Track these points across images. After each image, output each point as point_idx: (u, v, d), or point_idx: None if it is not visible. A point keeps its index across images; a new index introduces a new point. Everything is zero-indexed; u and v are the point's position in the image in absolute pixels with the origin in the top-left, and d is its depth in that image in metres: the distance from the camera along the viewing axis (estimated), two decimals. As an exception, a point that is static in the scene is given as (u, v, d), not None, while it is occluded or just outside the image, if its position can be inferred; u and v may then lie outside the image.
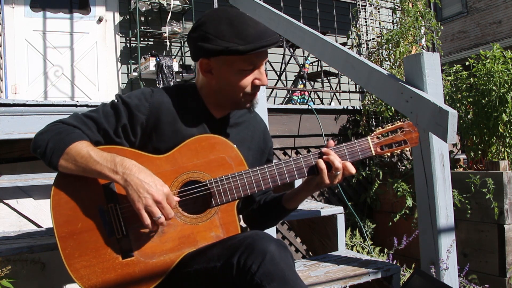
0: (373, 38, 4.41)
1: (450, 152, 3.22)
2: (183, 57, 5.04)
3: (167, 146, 1.21)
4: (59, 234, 1.12)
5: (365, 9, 4.52)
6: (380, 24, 4.61)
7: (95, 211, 1.14)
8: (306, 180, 1.29)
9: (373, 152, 1.27)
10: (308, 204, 2.24)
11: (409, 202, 2.89)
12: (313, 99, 4.99)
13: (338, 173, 1.21)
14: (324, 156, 1.22)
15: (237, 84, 1.21)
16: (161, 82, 4.37)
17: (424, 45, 3.96)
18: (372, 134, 1.28)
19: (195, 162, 1.19)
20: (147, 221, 1.08)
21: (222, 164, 1.21)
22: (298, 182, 2.19)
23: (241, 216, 1.45)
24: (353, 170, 1.23)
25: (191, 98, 1.29)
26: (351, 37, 4.33)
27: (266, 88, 3.03)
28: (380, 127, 1.30)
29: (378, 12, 4.77)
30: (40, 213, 1.99)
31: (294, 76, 5.18)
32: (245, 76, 1.20)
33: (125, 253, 1.13)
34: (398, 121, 1.31)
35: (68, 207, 1.13)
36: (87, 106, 2.30)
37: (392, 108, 3.33)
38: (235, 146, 1.23)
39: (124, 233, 1.13)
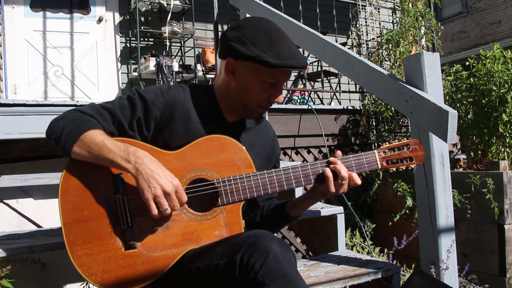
0: (373, 38, 4.41)
1: (450, 152, 3.22)
2: (183, 57, 5.04)
3: (178, 143, 1.22)
4: (65, 220, 1.13)
5: (365, 9, 4.52)
6: (380, 24, 4.61)
7: (102, 200, 1.15)
8: (312, 188, 1.30)
9: (379, 165, 1.29)
10: (308, 204, 2.23)
11: (409, 202, 2.89)
12: (313, 99, 4.99)
13: (344, 182, 1.23)
14: (331, 165, 1.23)
15: (254, 93, 1.23)
16: (161, 82, 4.38)
17: (424, 45, 3.96)
18: (379, 148, 1.31)
19: (204, 161, 1.21)
20: (155, 211, 1.09)
21: (231, 165, 1.22)
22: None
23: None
24: (358, 181, 1.24)
25: (206, 99, 1.31)
26: (351, 37, 4.33)
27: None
28: (387, 142, 1.33)
29: (378, 12, 4.77)
30: (40, 213, 1.98)
31: (294, 76, 5.18)
32: (264, 89, 1.22)
33: (128, 245, 1.14)
34: (404, 138, 1.35)
35: (76, 194, 1.14)
36: (87, 106, 2.30)
37: (392, 108, 3.33)
38: (244, 148, 1.24)
39: (129, 224, 1.14)
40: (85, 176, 1.16)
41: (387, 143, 1.35)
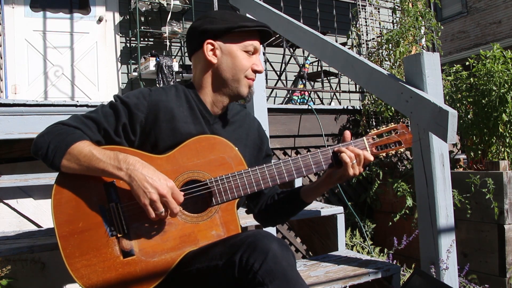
0: (373, 38, 4.41)
1: (450, 152, 3.22)
2: (183, 57, 5.04)
3: (166, 145, 1.22)
4: (60, 233, 1.12)
5: (365, 9, 4.52)
6: (380, 24, 4.61)
7: (96, 210, 1.14)
8: (327, 174, 1.31)
9: (369, 152, 1.29)
10: (308, 204, 2.24)
11: (409, 202, 2.89)
12: (313, 99, 4.99)
13: (359, 162, 1.24)
14: (343, 152, 1.24)
15: (240, 63, 1.28)
16: (161, 82, 4.37)
17: (424, 45, 3.96)
18: (368, 135, 1.31)
19: (195, 162, 1.20)
20: (153, 215, 1.09)
21: (222, 163, 1.22)
22: (298, 181, 2.20)
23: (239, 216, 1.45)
24: (371, 157, 1.26)
25: (189, 96, 1.31)
26: (351, 37, 4.32)
27: (266, 88, 3.03)
28: (376, 128, 1.33)
29: (378, 12, 4.77)
30: (40, 213, 1.99)
31: (294, 76, 5.18)
32: (247, 57, 1.30)
33: (126, 252, 1.13)
34: (392, 123, 1.34)
35: (69, 206, 1.13)
36: (87, 106, 2.30)
37: (392, 108, 3.33)
38: (234, 146, 1.25)
39: (125, 232, 1.13)
40: (77, 187, 1.15)
41: (374, 129, 1.35)
